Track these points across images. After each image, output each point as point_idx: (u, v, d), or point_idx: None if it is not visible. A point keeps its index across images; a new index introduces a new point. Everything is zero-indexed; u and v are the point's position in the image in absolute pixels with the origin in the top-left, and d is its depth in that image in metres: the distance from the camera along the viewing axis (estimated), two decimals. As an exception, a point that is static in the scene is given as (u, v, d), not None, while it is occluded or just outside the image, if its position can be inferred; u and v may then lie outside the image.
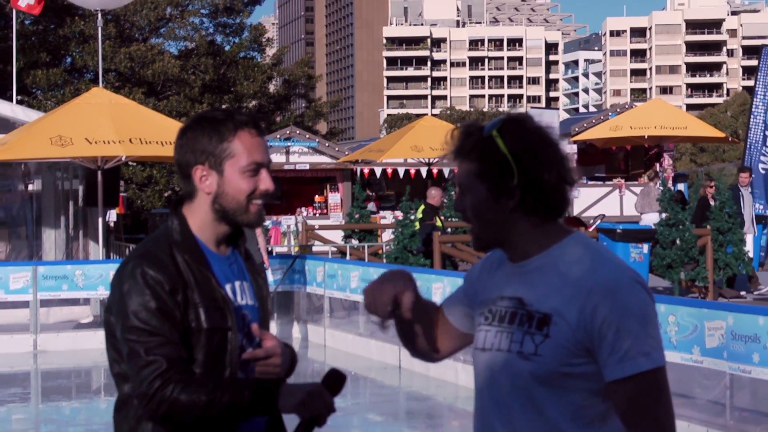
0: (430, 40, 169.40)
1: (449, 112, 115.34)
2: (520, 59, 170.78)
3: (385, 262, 16.04)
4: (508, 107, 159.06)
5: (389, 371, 11.98)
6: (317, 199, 28.22)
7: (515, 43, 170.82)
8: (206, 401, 2.63)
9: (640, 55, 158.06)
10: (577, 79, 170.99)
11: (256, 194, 2.82)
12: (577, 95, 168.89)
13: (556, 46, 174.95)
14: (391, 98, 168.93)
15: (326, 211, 27.96)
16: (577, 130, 27.59)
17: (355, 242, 17.84)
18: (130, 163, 26.40)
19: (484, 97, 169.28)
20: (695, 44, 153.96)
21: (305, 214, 27.22)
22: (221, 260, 2.85)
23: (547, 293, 2.45)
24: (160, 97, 34.49)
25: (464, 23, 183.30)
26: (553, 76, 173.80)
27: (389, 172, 28.63)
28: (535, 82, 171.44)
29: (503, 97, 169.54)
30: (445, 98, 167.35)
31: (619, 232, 14.16)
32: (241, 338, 2.80)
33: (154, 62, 33.81)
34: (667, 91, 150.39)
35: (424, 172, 26.26)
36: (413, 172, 28.41)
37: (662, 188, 15.36)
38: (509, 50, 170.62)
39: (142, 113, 15.45)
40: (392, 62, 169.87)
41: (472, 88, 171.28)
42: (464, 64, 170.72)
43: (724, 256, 15.18)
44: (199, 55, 36.92)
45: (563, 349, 2.40)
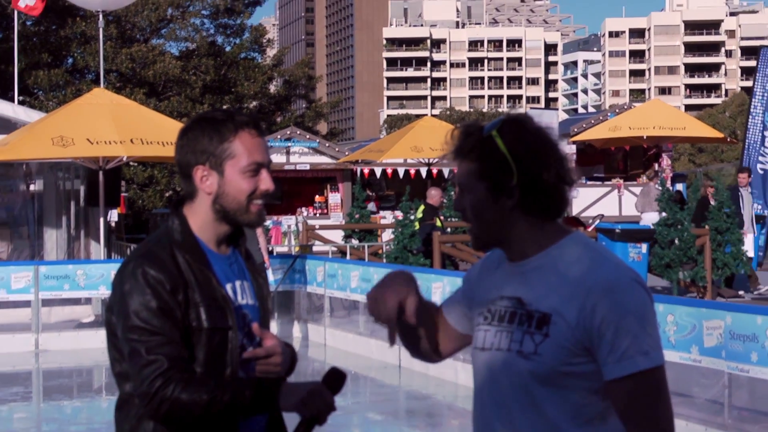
0: (429, 41, 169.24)
1: (449, 112, 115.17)
2: (519, 60, 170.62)
3: (385, 261, 16.05)
4: (507, 108, 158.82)
5: (389, 370, 11.99)
6: (317, 199, 28.21)
7: (514, 44, 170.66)
8: (207, 400, 2.64)
9: (638, 55, 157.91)
10: (576, 79, 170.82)
11: (256, 194, 2.83)
12: (576, 96, 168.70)
13: (555, 47, 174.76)
14: (391, 99, 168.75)
15: (326, 211, 27.95)
16: (576, 130, 27.60)
17: (355, 242, 17.85)
18: (131, 163, 26.38)
19: (483, 97, 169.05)
20: (694, 45, 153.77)
21: (306, 214, 27.21)
22: (222, 260, 2.86)
23: (546, 293, 2.46)
24: (161, 97, 34.48)
25: (464, 24, 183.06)
26: (552, 76, 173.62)
27: (389, 172, 28.62)
28: (534, 82, 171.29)
29: (503, 97, 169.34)
30: (444, 99, 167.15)
31: (617, 232, 14.18)
32: (241, 337, 2.81)
33: (155, 63, 33.82)
34: (665, 91, 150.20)
35: (423, 172, 26.25)
36: (413, 172, 28.39)
37: (661, 188, 15.38)
38: (508, 51, 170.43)
39: (143, 114, 15.48)
40: (392, 63, 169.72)
41: (471, 88, 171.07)
42: (464, 64, 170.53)
43: (722, 255, 15.20)
44: (199, 55, 36.91)
45: (563, 348, 2.41)
